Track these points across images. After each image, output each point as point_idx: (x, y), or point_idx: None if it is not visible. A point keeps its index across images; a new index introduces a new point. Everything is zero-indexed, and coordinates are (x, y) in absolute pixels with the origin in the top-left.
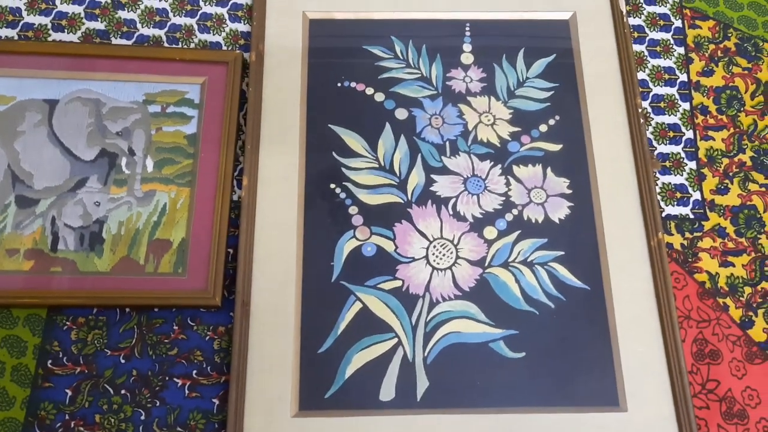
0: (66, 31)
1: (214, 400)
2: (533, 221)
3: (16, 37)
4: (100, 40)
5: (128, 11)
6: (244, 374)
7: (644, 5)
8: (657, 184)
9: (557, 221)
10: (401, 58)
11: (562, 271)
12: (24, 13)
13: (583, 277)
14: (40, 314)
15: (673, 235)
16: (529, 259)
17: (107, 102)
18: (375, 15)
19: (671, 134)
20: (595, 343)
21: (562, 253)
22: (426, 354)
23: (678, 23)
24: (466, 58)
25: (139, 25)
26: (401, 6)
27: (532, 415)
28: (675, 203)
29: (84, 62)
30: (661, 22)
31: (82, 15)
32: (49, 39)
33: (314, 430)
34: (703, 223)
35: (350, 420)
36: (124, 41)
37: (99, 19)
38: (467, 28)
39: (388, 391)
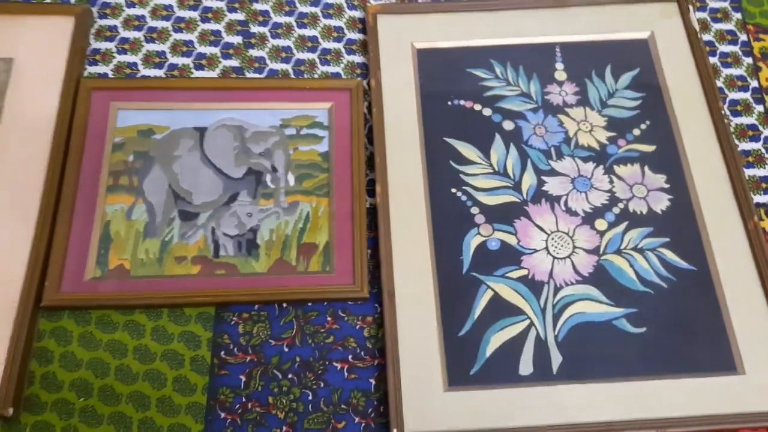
0: (206, 69)
1: (371, 381)
2: (638, 213)
3: (163, 76)
4: (236, 76)
5: (258, 50)
6: (397, 357)
7: (711, 24)
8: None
9: (659, 212)
10: (501, 78)
11: (670, 255)
12: (168, 55)
13: (690, 260)
14: (209, 312)
15: (763, 220)
16: (639, 246)
17: (249, 128)
18: (474, 42)
19: (750, 133)
20: (708, 316)
21: (668, 239)
22: (556, 333)
23: (743, 37)
24: (560, 75)
25: (268, 61)
26: (498, 33)
27: (658, 381)
28: (762, 193)
29: (225, 94)
30: (729, 37)
31: (219, 55)
32: (192, 76)
33: (466, 402)
34: None
35: (496, 392)
36: (256, 75)
37: (233, 58)
38: (557, 50)
39: (526, 366)
